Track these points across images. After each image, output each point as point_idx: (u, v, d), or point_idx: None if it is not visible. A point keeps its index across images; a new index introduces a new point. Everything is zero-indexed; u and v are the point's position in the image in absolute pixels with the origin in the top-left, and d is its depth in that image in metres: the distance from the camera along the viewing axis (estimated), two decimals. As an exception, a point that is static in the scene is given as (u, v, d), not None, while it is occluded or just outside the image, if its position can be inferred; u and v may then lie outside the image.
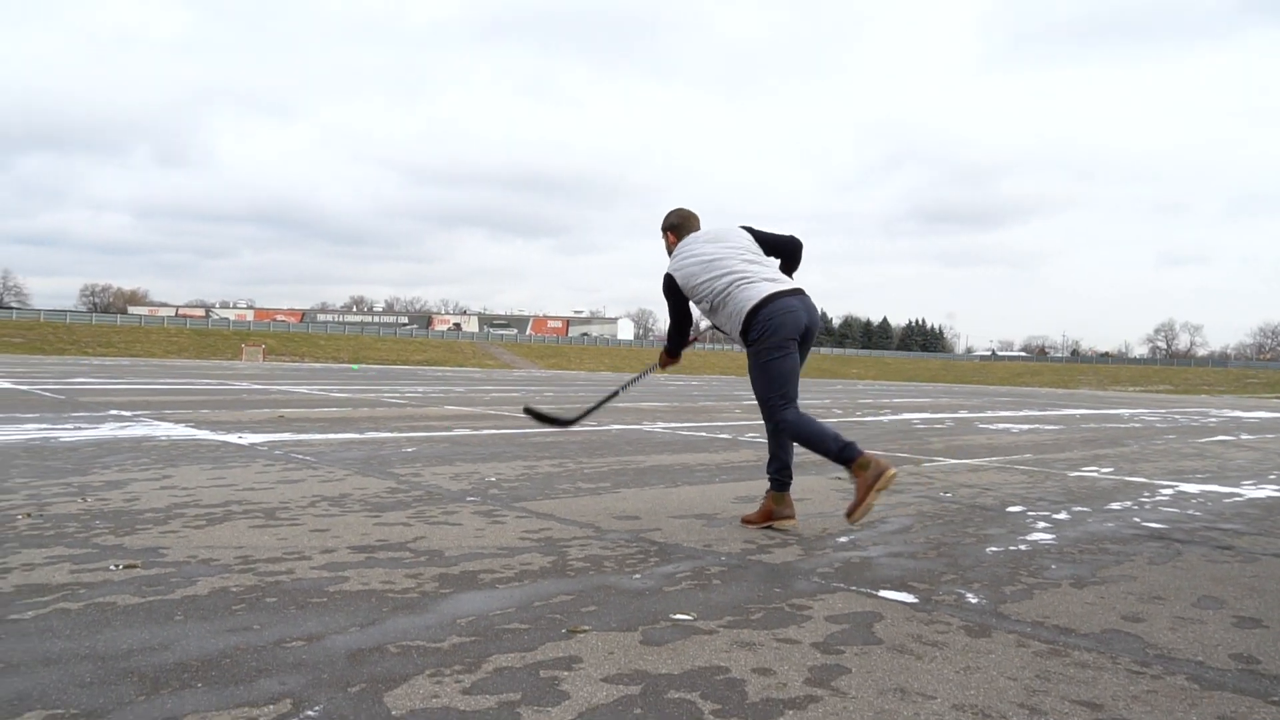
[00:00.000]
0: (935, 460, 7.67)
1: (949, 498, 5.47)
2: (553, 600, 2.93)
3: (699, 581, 3.24)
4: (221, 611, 2.69)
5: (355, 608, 2.77)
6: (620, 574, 3.32)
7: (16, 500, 4.46)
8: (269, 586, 2.99)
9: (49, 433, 7.89)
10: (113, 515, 4.14)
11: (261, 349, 67.08)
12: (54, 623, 2.54)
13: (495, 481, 5.59)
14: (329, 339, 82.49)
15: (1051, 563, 3.69)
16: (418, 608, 2.80)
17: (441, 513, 4.45)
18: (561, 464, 6.61)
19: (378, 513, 4.39)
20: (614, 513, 4.60)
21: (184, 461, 6.13)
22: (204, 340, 73.71)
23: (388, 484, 5.35)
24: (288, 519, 4.16)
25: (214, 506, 4.42)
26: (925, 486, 5.97)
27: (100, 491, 4.78)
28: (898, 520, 4.62)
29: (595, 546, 3.78)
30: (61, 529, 3.81)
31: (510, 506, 4.70)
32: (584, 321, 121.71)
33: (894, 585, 3.25)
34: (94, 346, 64.81)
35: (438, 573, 3.24)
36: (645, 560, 3.56)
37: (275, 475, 5.56)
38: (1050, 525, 4.59)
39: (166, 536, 3.71)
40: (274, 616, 2.66)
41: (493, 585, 3.10)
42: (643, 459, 7.11)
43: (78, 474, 5.41)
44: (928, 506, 5.10)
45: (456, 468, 6.23)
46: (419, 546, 3.66)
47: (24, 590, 2.86)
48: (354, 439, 8.10)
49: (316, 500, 4.68)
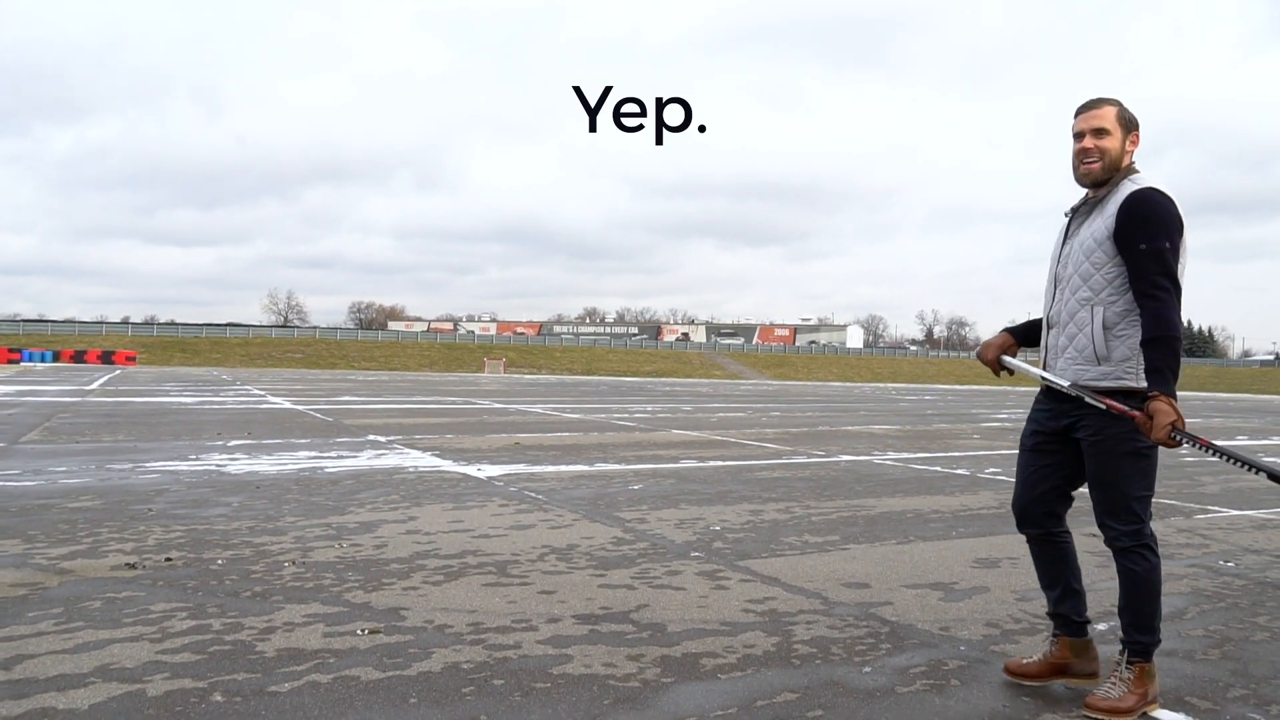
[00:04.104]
0: (1210, 510, 6.81)
1: (1232, 569, 4.80)
2: (776, 699, 2.80)
3: (934, 681, 2.99)
4: (452, 695, 2.77)
5: (577, 698, 2.77)
6: (848, 664, 3.13)
7: (285, 543, 4.89)
8: (497, 664, 3.05)
9: (317, 462, 8.67)
10: (363, 565, 4.43)
11: (502, 362, 71.24)
12: (305, 699, 2.71)
13: (720, 531, 5.52)
14: (564, 351, 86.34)
15: (1371, 676, 3.12)
16: (638, 701, 2.76)
17: (665, 572, 4.43)
18: (788, 509, 6.45)
19: (603, 570, 4.43)
20: (842, 578, 4.39)
21: (428, 499, 6.51)
22: (451, 354, 79.30)
23: (614, 532, 5.41)
24: (518, 576, 4.29)
25: (451, 558, 4.64)
26: (1200, 550, 5.28)
27: (354, 535, 5.15)
28: (1169, 601, 4.09)
29: (822, 625, 3.60)
30: (320, 580, 4.12)
31: (734, 566, 4.60)
32: (812, 329, 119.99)
33: (1168, 701, 2.85)
34: (359, 361, 71.43)
35: (659, 654, 3.19)
36: (875, 647, 3.34)
37: (509, 520, 5.78)
38: (1366, 616, 3.90)
39: (408, 595, 3.91)
40: (500, 704, 2.70)
41: (714, 674, 3.01)
42: (873, 503, 6.79)
43: (336, 513, 5.87)
44: (1204, 581, 4.49)
45: (682, 511, 6.22)
46: (641, 618, 3.64)
47: (283, 656, 3.09)
48: (584, 472, 8.32)
49: (545, 553, 4.79)
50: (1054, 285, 2.90)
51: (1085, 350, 2.74)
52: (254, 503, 6.20)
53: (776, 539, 5.33)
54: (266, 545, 4.84)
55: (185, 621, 3.46)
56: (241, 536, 5.06)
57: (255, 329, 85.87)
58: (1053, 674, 2.93)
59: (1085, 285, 2.75)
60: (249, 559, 4.52)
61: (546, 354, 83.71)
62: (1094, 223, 2.77)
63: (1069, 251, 2.84)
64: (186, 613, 3.58)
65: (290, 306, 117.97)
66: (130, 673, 2.91)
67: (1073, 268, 2.80)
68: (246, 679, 2.87)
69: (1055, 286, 2.89)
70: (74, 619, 3.47)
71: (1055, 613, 2.97)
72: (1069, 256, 2.84)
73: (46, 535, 4.97)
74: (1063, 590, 2.96)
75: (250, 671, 2.94)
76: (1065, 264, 2.85)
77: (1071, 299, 2.79)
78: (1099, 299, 2.72)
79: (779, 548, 5.08)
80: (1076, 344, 2.77)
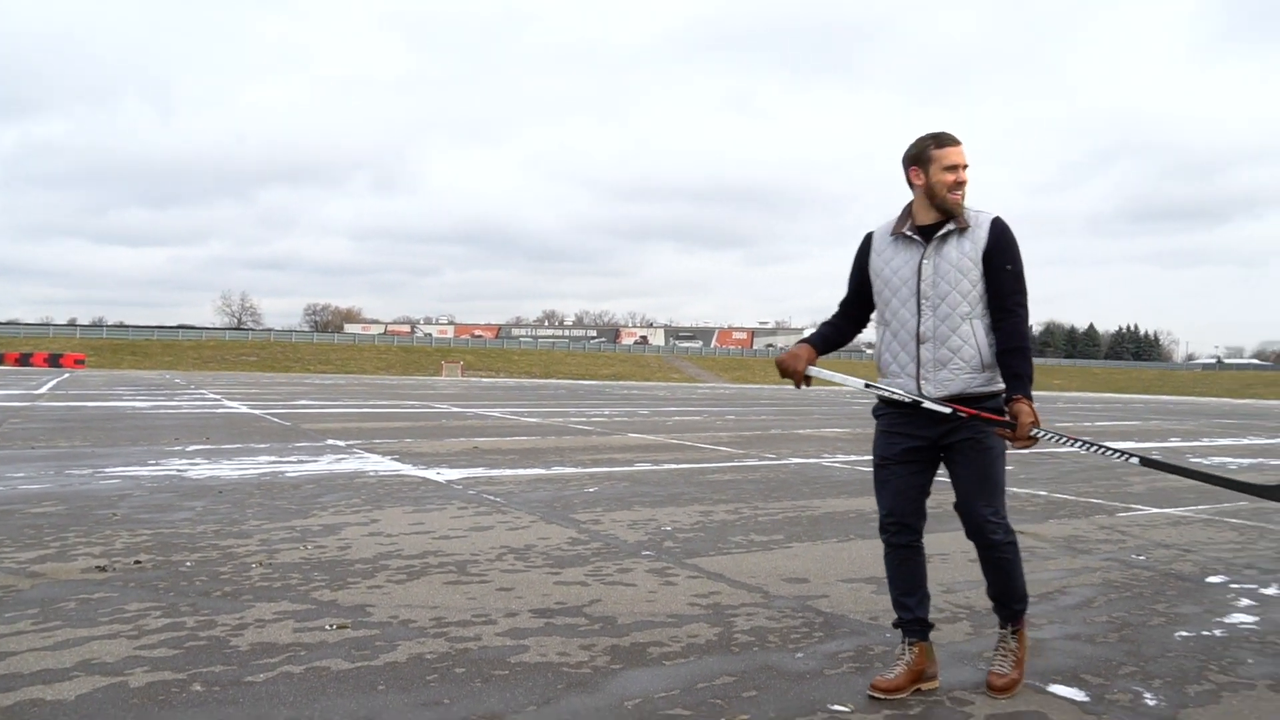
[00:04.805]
0: (1133, 509, 7.23)
1: (1142, 561, 5.18)
2: (716, 682, 3.07)
3: (861, 664, 3.28)
4: (417, 683, 3.00)
5: (533, 683, 3.02)
6: (783, 651, 3.42)
7: (252, 546, 5.07)
8: (459, 655, 3.29)
9: (277, 466, 8.79)
10: (328, 566, 4.63)
11: (460, 365, 70.98)
12: (280, 688, 2.93)
13: (670, 532, 5.79)
14: (522, 354, 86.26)
15: (1249, 655, 3.47)
16: (589, 685, 3.01)
17: (617, 570, 4.68)
18: (737, 509, 6.74)
19: (558, 569, 4.67)
20: (783, 574, 4.69)
21: (389, 502, 6.70)
22: (409, 357, 78.83)
23: (569, 533, 5.66)
24: (477, 574, 4.52)
25: (414, 558, 4.85)
26: (1117, 545, 5.67)
27: (318, 537, 5.34)
28: (1080, 591, 4.45)
29: (761, 616, 3.88)
30: (287, 580, 4.31)
31: (683, 564, 4.87)
32: (769, 332, 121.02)
33: (1065, 678, 3.18)
34: (315, 364, 70.73)
35: (609, 644, 3.45)
36: (809, 635, 3.63)
37: (468, 522, 6.00)
38: (1255, 603, 4.28)
39: (373, 593, 4.12)
40: (461, 690, 2.94)
41: (660, 661, 3.27)
42: (818, 504, 7.12)
43: (299, 516, 6.04)
44: (1116, 573, 4.86)
45: (635, 513, 6.48)
46: (594, 612, 3.90)
47: (257, 649, 3.30)
48: (541, 475, 8.55)
49: (503, 553, 5.03)
50: (919, 301, 3.02)
51: (973, 360, 3.00)
52: (217, 507, 6.34)
53: (724, 538, 5.62)
54: (233, 547, 5.01)
55: (160, 620, 3.64)
56: (208, 539, 5.22)
57: (208, 331, 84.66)
58: (913, 682, 3.02)
59: (965, 301, 2.98)
60: (217, 560, 4.69)
61: (505, 357, 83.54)
62: (963, 245, 2.99)
63: (935, 270, 2.99)
64: (160, 611, 3.76)
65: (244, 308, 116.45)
66: (111, 666, 3.10)
67: (948, 285, 2.97)
68: (223, 670, 3.08)
69: (921, 302, 3.02)
70: (50, 619, 3.63)
71: (915, 618, 3.10)
72: (938, 275, 2.99)
73: (13, 540, 5.09)
74: (921, 594, 3.14)
75: (226, 664, 3.15)
76: (935, 283, 2.99)
77: (952, 314, 2.98)
78: (974, 313, 3.00)
79: (726, 546, 5.36)
80: (963, 355, 2.99)
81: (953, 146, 3.01)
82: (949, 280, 3.00)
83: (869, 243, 3.19)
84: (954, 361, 3.00)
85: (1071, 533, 6.06)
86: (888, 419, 3.16)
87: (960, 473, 3.06)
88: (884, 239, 3.15)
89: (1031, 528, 6.20)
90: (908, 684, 3.01)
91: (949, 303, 3.00)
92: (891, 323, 3.10)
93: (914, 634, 3.10)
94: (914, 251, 3.06)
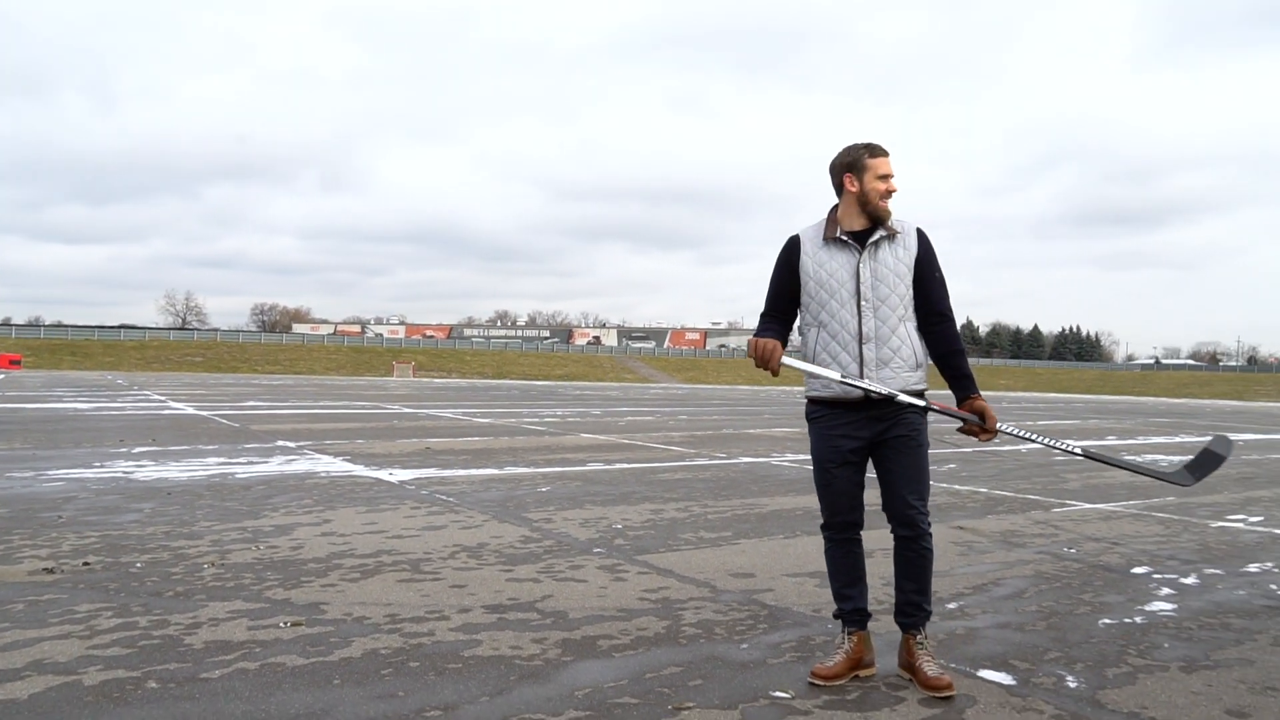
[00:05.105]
0: (1068, 505, 7.51)
1: (1072, 554, 5.41)
2: (663, 672, 3.18)
3: (802, 654, 3.42)
4: (372, 676, 3.07)
5: (486, 675, 3.11)
6: (729, 642, 3.54)
7: (203, 546, 5.07)
8: (413, 649, 3.36)
9: (226, 468, 8.73)
10: (281, 565, 4.66)
11: (411, 366, 70.38)
12: (236, 683, 2.98)
13: (621, 530, 5.90)
14: (474, 355, 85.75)
15: (1166, 640, 3.68)
16: (541, 677, 3.11)
17: (569, 566, 4.78)
18: (687, 508, 6.87)
19: (510, 566, 4.76)
20: (731, 569, 4.82)
21: (341, 503, 6.72)
22: (359, 358, 77.96)
23: (521, 531, 5.74)
24: (431, 572, 4.58)
25: (367, 557, 4.90)
26: (1050, 539, 5.90)
27: (270, 538, 5.35)
28: (1012, 583, 4.65)
29: (709, 610, 4.01)
30: (240, 579, 4.34)
31: (633, 560, 4.98)
32: (722, 333, 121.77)
33: (994, 664, 3.35)
34: (263, 365, 69.62)
35: (561, 638, 3.55)
36: (754, 627, 3.77)
37: (421, 521, 6.04)
38: (1174, 592, 4.52)
39: (326, 591, 4.17)
40: (416, 683, 3.02)
41: (609, 653, 3.38)
42: (766, 502, 7.28)
43: (251, 517, 6.04)
44: (1048, 565, 5.08)
45: (587, 511, 6.58)
46: (546, 607, 3.99)
47: (211, 647, 3.34)
48: (493, 475, 8.61)
49: (457, 551, 5.09)
50: (859, 303, 3.14)
51: (910, 360, 3.17)
52: (167, 508, 6.31)
53: (674, 535, 5.74)
54: (184, 549, 5.01)
55: (111, 620, 3.66)
56: (158, 541, 5.21)
57: (151, 331, 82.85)
58: (852, 669, 3.16)
59: (901, 304, 3.16)
60: (168, 561, 4.70)
61: (457, 357, 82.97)
62: (896, 251, 3.16)
63: (874, 274, 3.13)
64: (111, 612, 3.77)
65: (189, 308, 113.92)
66: (64, 666, 3.12)
67: (887, 289, 3.13)
68: (178, 668, 3.12)
69: (862, 304, 3.14)
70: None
71: (855, 609, 3.22)
72: (877, 279, 3.13)
73: (-42, 543, 5.02)
74: (862, 586, 3.27)
75: (181, 661, 3.18)
76: (874, 286, 3.13)
77: (891, 316, 3.15)
78: (907, 316, 3.17)
79: (676, 543, 5.48)
80: (901, 355, 3.15)
81: (884, 157, 3.17)
82: (888, 284, 3.15)
83: (798, 244, 3.26)
84: (894, 360, 3.15)
85: (1008, 528, 6.29)
86: (826, 421, 3.25)
87: (894, 468, 3.19)
88: (814, 242, 3.24)
89: (970, 523, 6.42)
90: (846, 671, 3.15)
91: (889, 305, 3.15)
92: (829, 324, 3.19)
93: (854, 624, 3.24)
94: (849, 255, 3.18)
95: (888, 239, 3.16)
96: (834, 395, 3.19)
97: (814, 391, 3.26)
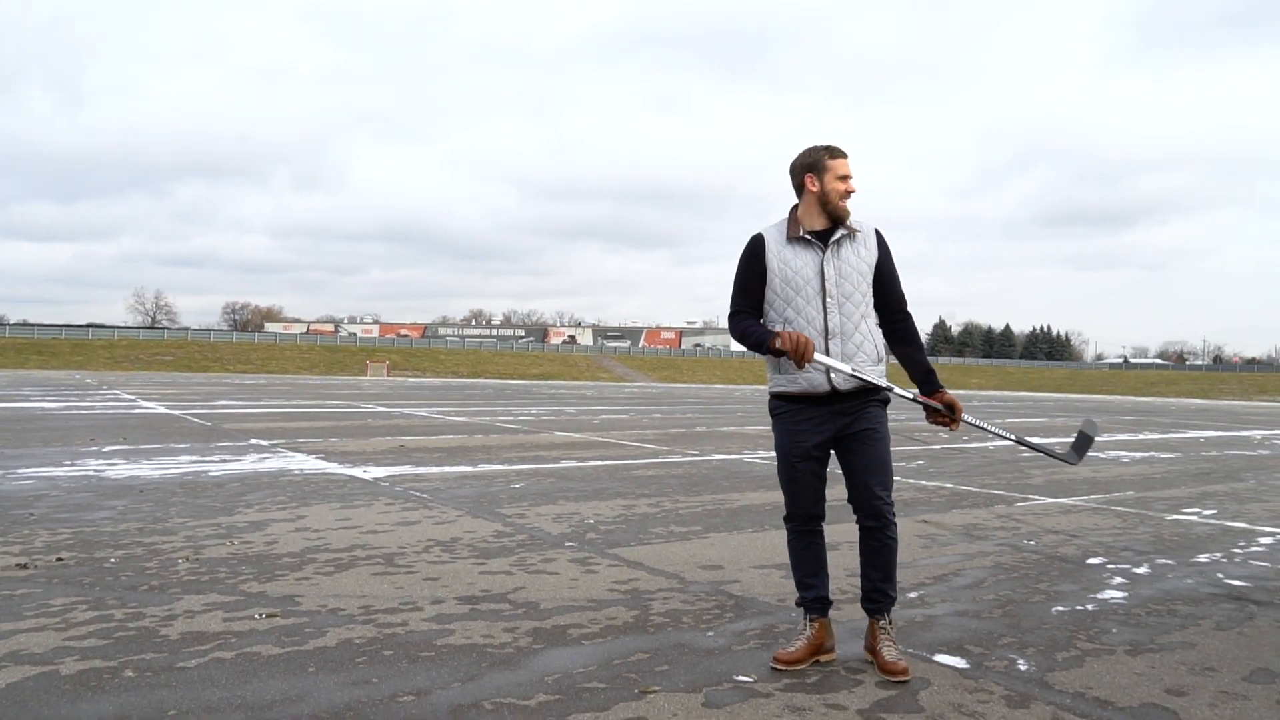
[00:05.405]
0: (1031, 499, 7.69)
1: (1032, 546, 5.57)
2: (631, 658, 3.28)
3: (766, 641, 3.53)
4: (346, 664, 3.15)
5: (458, 663, 3.19)
6: (695, 630, 3.65)
7: (177, 542, 5.11)
8: (386, 639, 3.44)
9: (199, 466, 8.73)
10: (256, 560, 4.71)
11: (385, 365, 70.00)
12: (212, 672, 3.05)
13: (594, 524, 5.99)
14: (449, 354, 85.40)
15: (1114, 626, 3.83)
16: (512, 664, 3.20)
17: (541, 560, 4.87)
18: (659, 503, 6.98)
19: (483, 559, 4.84)
20: (700, 561, 4.93)
21: (315, 500, 6.76)
22: (333, 357, 77.42)
23: (495, 526, 5.82)
24: (404, 565, 4.66)
25: (341, 551, 4.96)
26: (1011, 532, 6.06)
27: (244, 533, 5.40)
28: (972, 573, 4.79)
29: (677, 600, 4.12)
30: (214, 573, 4.39)
31: (604, 554, 5.08)
32: (697, 332, 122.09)
33: (950, 649, 3.47)
34: (234, 364, 68.98)
35: (532, 627, 3.64)
36: (720, 616, 3.88)
37: (395, 517, 6.11)
38: (1126, 581, 4.68)
39: (301, 584, 4.23)
40: (389, 670, 3.10)
41: (579, 641, 3.47)
42: (737, 497, 7.40)
43: (225, 513, 6.08)
44: (1007, 557, 5.23)
45: (560, 507, 6.66)
46: (518, 598, 4.08)
47: (187, 638, 3.40)
48: (467, 472, 8.67)
49: (430, 546, 5.17)
50: (824, 300, 3.23)
51: (873, 354, 3.28)
52: (139, 505, 6.33)
53: (645, 530, 5.84)
54: (158, 544, 5.05)
55: (87, 613, 3.71)
56: (131, 537, 5.24)
57: (120, 330, 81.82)
58: (813, 654, 3.27)
59: (864, 301, 3.28)
60: (142, 557, 4.74)
61: (431, 356, 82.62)
62: (858, 250, 3.27)
63: (838, 272, 3.22)
64: (87, 605, 3.82)
65: (158, 307, 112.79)
66: (41, 657, 3.17)
67: (851, 286, 3.23)
68: (155, 658, 3.18)
69: (827, 301, 3.23)
70: (-25, 613, 3.66)
71: (818, 597, 3.34)
72: (841, 277, 3.23)
73: (-71, 539, 5.03)
74: (823, 575, 3.38)
75: (157, 651, 3.24)
76: (839, 283, 3.22)
77: (855, 312, 3.26)
78: (868, 313, 3.29)
79: (647, 537, 5.59)
80: (865, 349, 3.26)
81: (844, 158, 3.28)
82: (851, 281, 3.26)
83: (763, 242, 3.34)
84: (858, 355, 3.25)
85: (971, 521, 6.45)
86: (790, 417, 3.34)
87: (860, 461, 3.29)
88: (778, 240, 3.31)
89: (935, 517, 6.58)
90: (807, 656, 3.26)
91: (852, 301, 3.26)
92: (795, 320, 3.26)
93: (815, 611, 3.34)
94: (813, 254, 3.27)
95: (848, 238, 3.28)
96: (800, 390, 3.27)
97: (779, 387, 3.35)
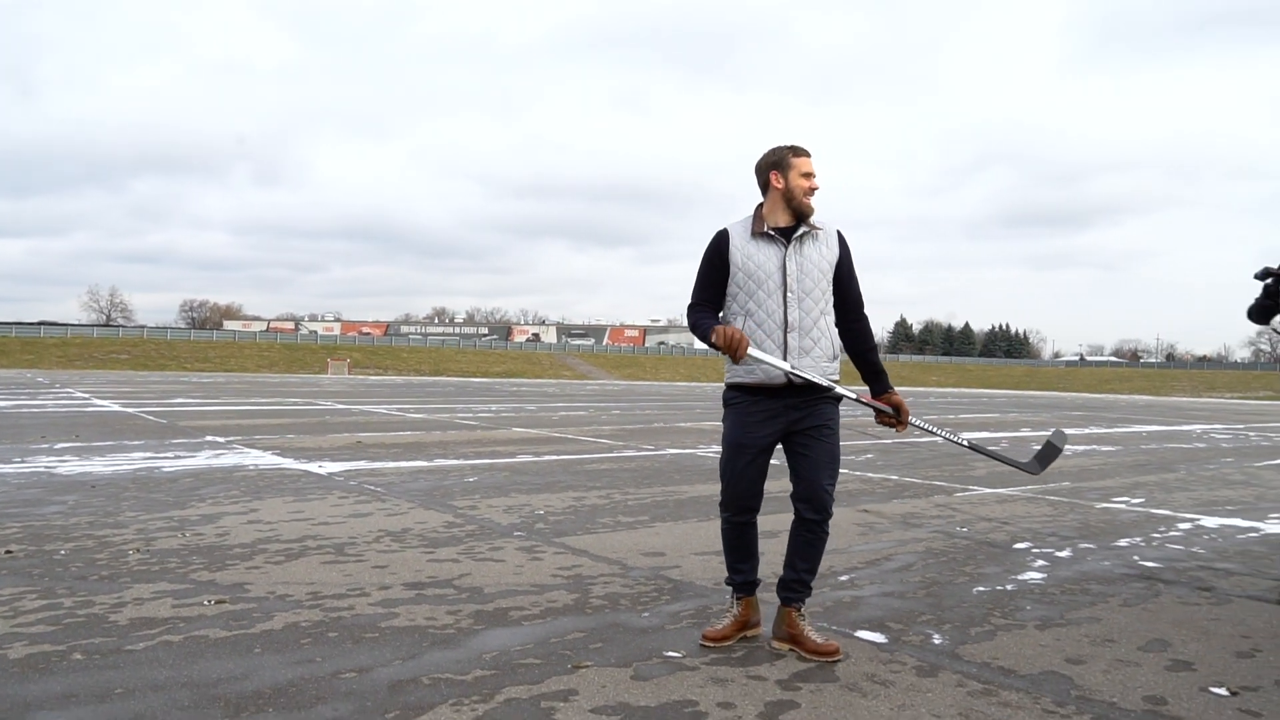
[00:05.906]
0: (970, 490, 7.95)
1: (964, 533, 5.81)
2: (567, 637, 3.44)
3: (699, 621, 3.70)
4: (292, 645, 3.27)
5: (400, 643, 3.32)
6: (632, 611, 3.81)
7: (128, 535, 5.17)
8: (332, 622, 3.57)
9: (153, 462, 8.74)
10: (207, 550, 4.80)
11: (347, 363, 69.48)
12: (160, 654, 3.16)
13: (543, 515, 6.13)
14: (411, 352, 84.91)
15: (1028, 603, 4.05)
16: (452, 643, 3.34)
17: (489, 548, 5.00)
18: (609, 495, 7.13)
19: (432, 548, 4.96)
20: (643, 549, 5.09)
21: (269, 493, 6.83)
22: (293, 354, 76.64)
23: (446, 518, 5.94)
24: (354, 555, 4.77)
25: (292, 542, 5.06)
26: (946, 519, 6.30)
27: (197, 526, 5.47)
28: (903, 558, 5.00)
29: (617, 584, 4.27)
30: (165, 564, 4.48)
31: (551, 542, 5.23)
32: (661, 330, 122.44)
33: (872, 625, 3.67)
34: (192, 362, 68.06)
35: (474, 610, 3.78)
36: (657, 599, 4.04)
37: (348, 509, 6.20)
38: (1047, 564, 4.92)
39: (251, 573, 4.33)
40: (333, 650, 3.23)
41: (519, 622, 3.62)
42: (686, 489, 7.58)
43: (177, 507, 6.13)
44: (939, 543, 5.45)
45: (511, 499, 6.80)
46: (463, 584, 4.21)
47: (136, 623, 3.50)
48: (423, 467, 8.77)
49: (381, 536, 5.28)
50: (785, 294, 3.34)
51: (829, 350, 3.40)
52: (90, 500, 6.36)
53: (593, 520, 6.00)
54: (109, 537, 5.11)
55: (36, 601, 3.78)
56: (82, 530, 5.29)
57: (74, 328, 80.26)
58: (739, 630, 3.44)
59: (823, 298, 3.41)
60: (92, 549, 4.80)
61: (393, 354, 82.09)
62: (820, 249, 3.40)
63: (800, 268, 3.34)
64: (36, 594, 3.89)
65: (114, 304, 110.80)
66: (-10, 642, 3.25)
67: (811, 282, 3.35)
68: (103, 642, 3.28)
69: (788, 295, 3.34)
70: (-76, 603, 3.72)
71: (747, 581, 3.48)
72: (802, 273, 3.35)
73: (-124, 534, 5.05)
74: (754, 560, 3.51)
75: (106, 636, 3.34)
76: (800, 279, 3.34)
77: (814, 308, 3.38)
78: (826, 310, 3.41)
79: (594, 527, 5.74)
80: (821, 345, 3.39)
81: (807, 156, 3.40)
82: (811, 278, 3.37)
83: (727, 238, 3.43)
84: (815, 350, 3.36)
85: (910, 510, 6.68)
86: (744, 407, 3.42)
87: (812, 455, 3.37)
88: (742, 236, 3.41)
89: (875, 506, 6.80)
90: (734, 633, 3.43)
91: (812, 298, 3.37)
92: (756, 313, 3.35)
93: (743, 591, 3.51)
94: (776, 249, 3.37)
95: (811, 235, 3.39)
96: (757, 381, 3.35)
97: (737, 378, 3.41)
